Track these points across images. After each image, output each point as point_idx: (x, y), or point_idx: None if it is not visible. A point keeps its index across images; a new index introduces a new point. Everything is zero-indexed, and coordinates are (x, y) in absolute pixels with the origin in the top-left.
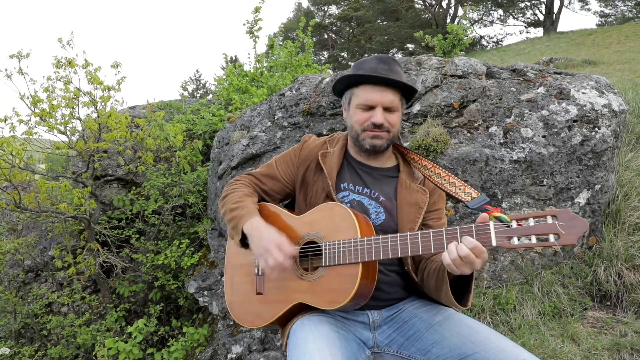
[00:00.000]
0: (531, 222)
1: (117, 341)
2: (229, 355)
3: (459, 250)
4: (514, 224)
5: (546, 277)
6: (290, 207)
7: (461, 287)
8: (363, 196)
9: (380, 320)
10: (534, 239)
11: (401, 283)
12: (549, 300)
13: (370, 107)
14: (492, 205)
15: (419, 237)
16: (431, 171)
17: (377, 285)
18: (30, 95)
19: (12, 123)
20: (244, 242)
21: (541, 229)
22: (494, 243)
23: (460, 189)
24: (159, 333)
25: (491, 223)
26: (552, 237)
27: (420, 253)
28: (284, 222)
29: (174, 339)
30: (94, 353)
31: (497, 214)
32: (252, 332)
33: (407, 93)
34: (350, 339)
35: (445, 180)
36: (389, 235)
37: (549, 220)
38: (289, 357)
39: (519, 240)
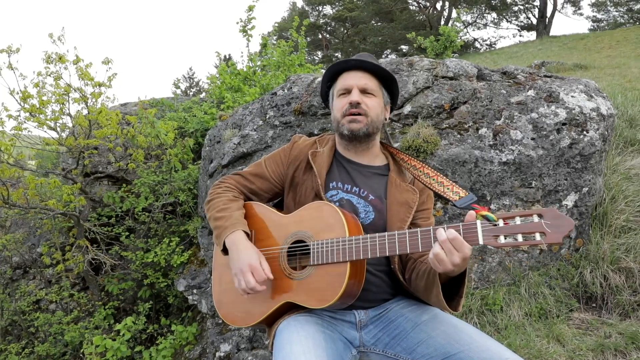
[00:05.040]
0: (517, 220)
1: (105, 339)
2: (217, 354)
3: (447, 234)
4: (501, 223)
5: (533, 279)
6: (279, 207)
7: (452, 291)
8: (352, 195)
9: (366, 319)
10: (520, 238)
11: (389, 283)
12: (535, 302)
13: (348, 91)
14: (480, 205)
15: (406, 236)
16: (420, 171)
17: (364, 285)
18: (20, 90)
19: (1, 118)
20: (227, 251)
21: (527, 227)
22: (481, 241)
23: (448, 189)
24: (147, 331)
25: (478, 222)
26: (538, 236)
27: (408, 252)
28: (271, 221)
29: (162, 337)
30: (81, 350)
31: (484, 213)
32: (241, 330)
33: (387, 84)
34: (337, 338)
35: (433, 180)
36: (376, 234)
37: (535, 219)
38: (274, 358)
39: (505, 238)
